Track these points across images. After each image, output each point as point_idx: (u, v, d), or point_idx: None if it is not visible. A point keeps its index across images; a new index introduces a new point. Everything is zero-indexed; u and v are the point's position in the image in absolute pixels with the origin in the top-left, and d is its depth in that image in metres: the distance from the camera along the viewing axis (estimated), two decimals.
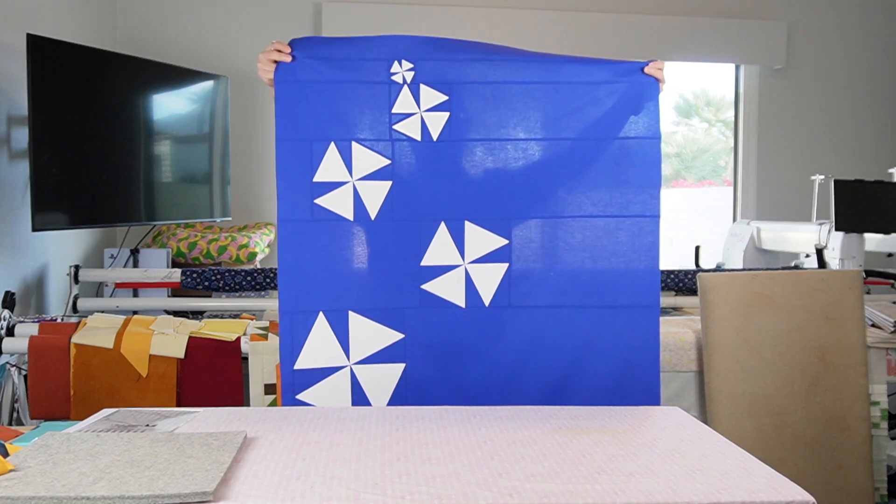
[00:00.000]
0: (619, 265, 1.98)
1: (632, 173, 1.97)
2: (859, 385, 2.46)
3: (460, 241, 1.94)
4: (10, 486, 1.17)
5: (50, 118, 2.80)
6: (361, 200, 1.92)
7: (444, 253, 1.94)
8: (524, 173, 1.97)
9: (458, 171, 1.96)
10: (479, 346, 1.96)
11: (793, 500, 1.21)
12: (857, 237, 3.23)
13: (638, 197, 1.97)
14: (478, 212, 1.95)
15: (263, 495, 1.19)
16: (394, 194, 1.92)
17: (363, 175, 1.92)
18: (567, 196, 1.97)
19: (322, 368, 1.91)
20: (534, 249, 1.96)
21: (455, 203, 1.95)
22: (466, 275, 1.95)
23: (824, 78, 4.70)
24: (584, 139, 1.97)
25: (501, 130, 1.96)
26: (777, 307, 2.45)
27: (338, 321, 1.92)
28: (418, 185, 1.94)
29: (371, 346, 1.94)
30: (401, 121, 1.93)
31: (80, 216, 3.06)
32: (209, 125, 3.79)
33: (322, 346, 1.91)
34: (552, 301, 1.97)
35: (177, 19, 4.11)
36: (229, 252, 3.52)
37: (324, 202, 1.90)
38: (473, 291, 1.96)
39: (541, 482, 1.26)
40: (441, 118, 1.94)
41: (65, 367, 2.28)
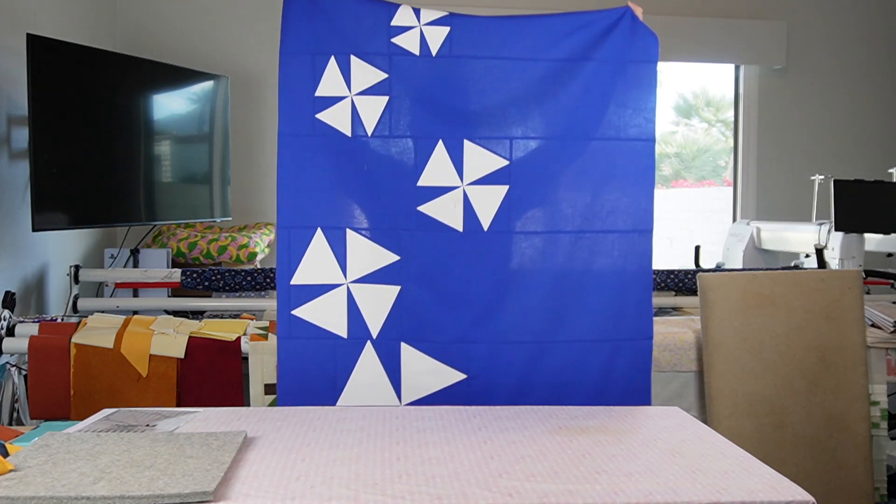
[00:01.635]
0: (617, 190, 1.96)
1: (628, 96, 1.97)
2: (859, 385, 2.46)
3: (459, 160, 1.92)
4: (10, 486, 1.17)
5: (50, 118, 2.80)
6: (359, 115, 1.91)
7: (441, 173, 1.91)
8: (526, 93, 1.94)
9: (457, 88, 1.93)
10: (476, 272, 1.94)
11: (793, 500, 1.21)
12: (857, 237, 3.23)
13: (634, 120, 1.97)
14: (477, 131, 1.92)
15: (263, 495, 1.19)
16: (390, 109, 1.91)
17: (361, 90, 1.90)
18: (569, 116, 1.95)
19: (319, 285, 1.91)
20: (534, 172, 1.94)
21: (454, 121, 1.93)
22: (465, 197, 1.93)
23: (824, 78, 4.70)
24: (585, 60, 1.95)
25: (503, 50, 1.94)
26: (777, 307, 2.45)
27: (335, 238, 1.91)
28: (415, 101, 1.92)
29: (368, 266, 1.92)
30: (399, 34, 1.91)
31: (80, 216, 3.06)
32: (209, 125, 3.79)
33: (319, 262, 1.91)
34: (552, 226, 1.95)
35: (177, 19, 4.11)
36: (229, 252, 3.52)
37: (324, 117, 1.90)
38: (472, 215, 1.94)
39: (541, 482, 1.26)
40: (441, 33, 1.92)
41: (65, 367, 2.28)
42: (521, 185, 1.92)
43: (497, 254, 1.94)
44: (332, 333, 1.91)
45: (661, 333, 2.53)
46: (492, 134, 1.92)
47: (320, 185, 1.90)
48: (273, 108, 4.08)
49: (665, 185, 6.03)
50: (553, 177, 1.94)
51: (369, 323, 1.92)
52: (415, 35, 1.91)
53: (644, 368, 1.97)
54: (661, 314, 3.03)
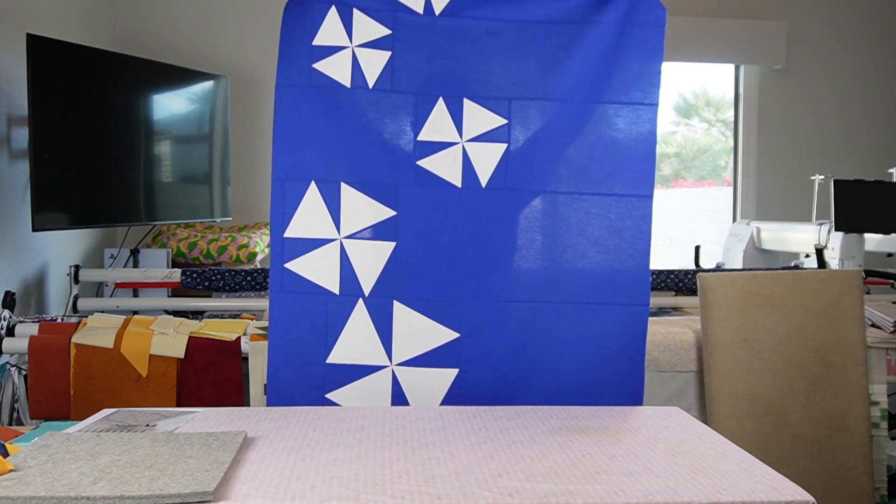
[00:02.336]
0: (616, 153, 1.95)
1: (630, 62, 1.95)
2: (859, 385, 2.46)
3: (458, 118, 1.92)
4: (10, 486, 1.17)
5: (50, 118, 2.80)
6: (360, 67, 1.90)
7: (441, 129, 1.92)
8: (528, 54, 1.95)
9: (459, 47, 1.94)
10: (473, 229, 1.94)
11: (793, 500, 1.21)
12: (857, 237, 3.23)
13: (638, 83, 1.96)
14: (477, 90, 1.93)
15: (263, 495, 1.19)
16: (392, 65, 1.90)
17: (363, 42, 1.90)
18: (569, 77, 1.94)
19: (312, 239, 1.90)
20: (533, 131, 1.94)
21: (454, 80, 1.93)
22: (464, 153, 1.93)
23: (824, 78, 4.70)
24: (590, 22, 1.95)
25: (506, 11, 1.94)
26: (777, 307, 2.45)
27: (330, 192, 1.90)
28: (418, 57, 1.92)
29: (362, 221, 1.91)
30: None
31: (80, 216, 3.06)
32: (209, 125, 3.79)
33: (313, 216, 1.90)
34: (549, 186, 1.95)
35: (177, 19, 4.11)
36: (229, 252, 3.52)
37: (322, 67, 1.89)
38: (471, 171, 1.94)
39: (541, 482, 1.26)
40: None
41: (65, 367, 2.28)
42: (519, 144, 1.93)
43: (494, 212, 1.94)
44: (323, 289, 1.91)
45: (661, 333, 2.53)
46: (491, 94, 1.93)
47: (316, 137, 1.89)
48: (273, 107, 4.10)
49: (665, 185, 6.03)
50: (551, 138, 1.94)
51: (362, 280, 1.91)
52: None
53: (639, 334, 1.95)
54: (661, 314, 3.03)
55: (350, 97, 1.90)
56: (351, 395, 1.90)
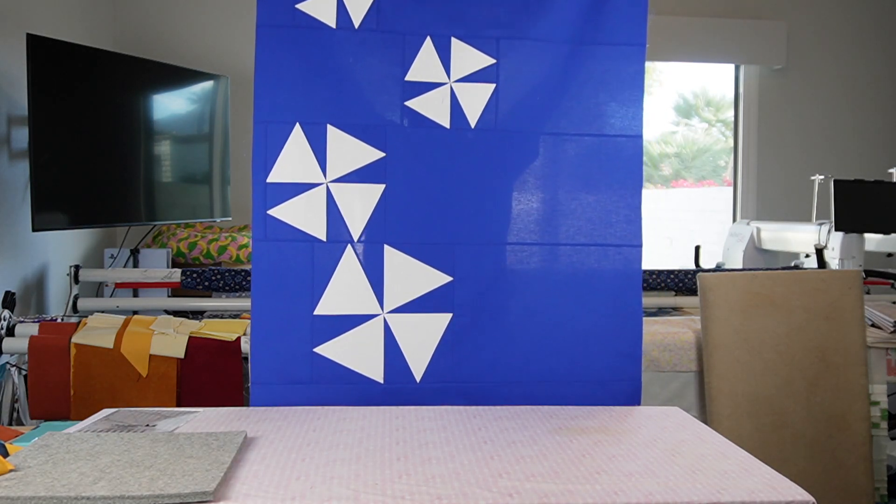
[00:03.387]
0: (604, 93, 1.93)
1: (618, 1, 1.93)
2: (859, 385, 2.46)
3: (446, 57, 1.89)
4: (10, 486, 1.17)
5: (50, 118, 2.80)
6: (345, 7, 1.85)
7: (429, 69, 1.88)
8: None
9: None
10: (463, 171, 1.91)
11: (793, 500, 1.21)
12: (857, 237, 3.23)
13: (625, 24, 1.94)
14: (465, 28, 1.90)
15: (263, 495, 1.20)
16: (379, 4, 1.86)
17: None
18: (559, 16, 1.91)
19: (296, 184, 1.85)
20: (522, 72, 1.91)
21: (442, 17, 1.89)
22: (452, 93, 1.90)
23: (824, 78, 4.70)
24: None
25: None
26: (777, 307, 2.45)
27: (315, 135, 1.85)
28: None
29: (349, 164, 1.87)
30: None
31: (80, 216, 3.06)
32: (209, 125, 3.79)
33: (297, 159, 1.84)
34: (538, 127, 1.93)
35: (177, 19, 4.11)
36: (229, 252, 3.52)
37: (306, 7, 1.83)
38: (459, 112, 1.90)
39: (541, 482, 1.26)
40: None
41: (65, 367, 2.28)
42: (508, 84, 1.90)
43: (484, 153, 1.91)
44: (310, 236, 1.85)
45: (661, 333, 2.53)
46: (479, 32, 1.90)
47: (300, 78, 1.84)
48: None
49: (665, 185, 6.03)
50: (540, 78, 1.92)
51: (350, 225, 1.86)
52: None
53: (633, 274, 1.93)
54: (661, 314, 3.04)
55: (335, 38, 1.85)
56: (340, 347, 1.84)
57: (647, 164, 5.27)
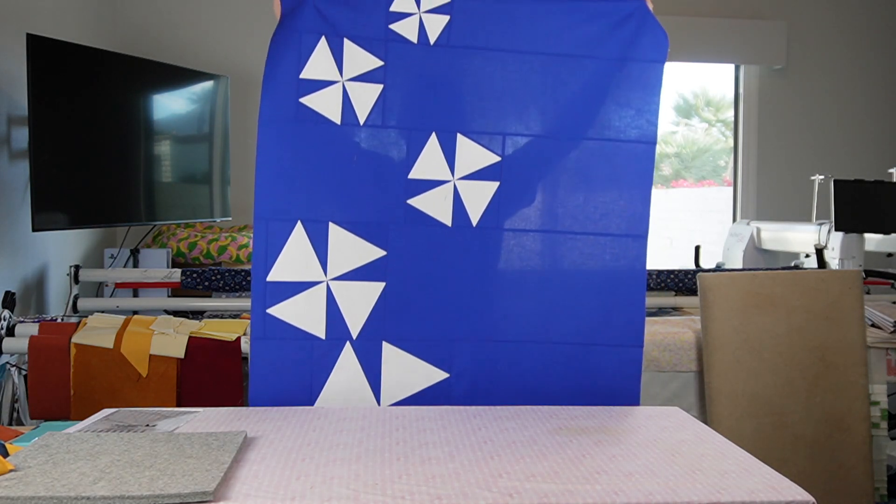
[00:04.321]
0: (612, 192, 1.89)
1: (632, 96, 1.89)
2: (859, 385, 2.46)
3: (451, 154, 1.85)
4: (10, 486, 1.17)
5: (50, 118, 2.80)
6: (350, 103, 1.81)
7: (433, 166, 1.84)
8: (524, 87, 1.88)
9: (453, 79, 1.86)
10: (464, 270, 1.88)
11: (793, 500, 1.21)
12: (857, 237, 3.23)
13: (636, 121, 1.89)
14: (471, 124, 1.86)
15: (263, 495, 1.19)
16: (385, 99, 1.82)
17: (354, 76, 1.81)
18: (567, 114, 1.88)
19: (297, 282, 1.82)
20: (527, 169, 1.87)
21: (448, 113, 1.86)
22: (455, 191, 1.86)
23: (824, 78, 4.70)
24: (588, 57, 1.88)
25: (503, 41, 1.86)
26: (777, 307, 2.45)
27: (317, 232, 1.81)
28: (411, 91, 1.84)
29: (350, 262, 1.84)
30: (398, 20, 1.83)
31: (80, 216, 3.06)
32: (209, 125, 3.79)
33: (298, 258, 1.81)
34: (541, 226, 1.89)
35: (177, 19, 4.11)
36: (229, 252, 3.52)
37: (310, 101, 1.79)
38: (461, 209, 1.87)
39: (541, 482, 1.26)
40: (440, 21, 1.84)
41: (65, 367, 2.28)
42: (512, 182, 1.86)
43: (485, 251, 1.88)
44: (309, 334, 1.82)
45: (661, 333, 2.53)
46: (485, 129, 1.86)
47: (303, 175, 1.80)
48: None
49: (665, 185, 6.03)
50: (546, 176, 1.89)
51: (349, 322, 1.84)
52: (414, 22, 1.84)
53: (634, 375, 1.90)
54: (661, 314, 3.04)
55: (340, 134, 1.81)
56: None
57: None
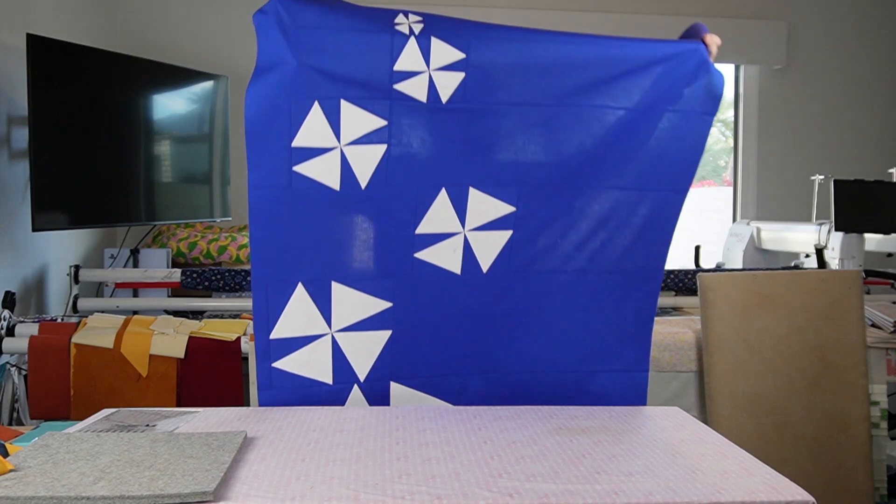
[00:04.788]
0: (631, 237, 1.79)
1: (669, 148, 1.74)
2: (859, 385, 2.46)
3: (462, 207, 1.72)
4: (10, 486, 1.17)
5: (50, 118, 2.79)
6: (350, 168, 1.65)
7: (442, 220, 1.72)
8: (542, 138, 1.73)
9: (467, 137, 1.70)
10: (473, 311, 1.81)
11: (793, 500, 1.21)
12: (857, 237, 3.23)
13: (669, 171, 1.75)
14: (485, 177, 1.71)
15: (263, 495, 1.19)
16: (389, 160, 1.66)
17: (353, 139, 1.64)
18: (588, 165, 1.74)
19: (301, 337, 1.74)
20: (542, 218, 1.75)
21: (459, 169, 1.71)
22: (465, 242, 1.76)
23: (824, 78, 4.70)
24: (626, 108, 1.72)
25: (525, 93, 1.70)
26: (777, 307, 2.45)
27: (319, 291, 1.72)
28: (419, 150, 1.69)
29: (355, 315, 1.75)
30: (404, 80, 1.64)
31: (80, 216, 3.06)
32: (209, 125, 3.79)
33: (301, 316, 1.73)
34: (554, 266, 1.80)
35: (177, 19, 4.11)
36: (229, 252, 3.52)
37: (304, 170, 1.64)
38: (471, 258, 1.77)
39: (541, 482, 1.26)
40: (454, 79, 1.65)
41: (65, 367, 2.28)
42: (526, 230, 1.74)
43: (494, 293, 1.79)
44: (316, 381, 1.77)
45: (661, 333, 2.53)
46: (501, 181, 1.71)
47: (301, 238, 1.67)
48: None
49: None
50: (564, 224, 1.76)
51: (356, 368, 1.78)
52: (423, 81, 1.64)
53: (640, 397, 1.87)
54: (661, 314, 3.03)
55: (339, 199, 1.66)
56: None
57: None
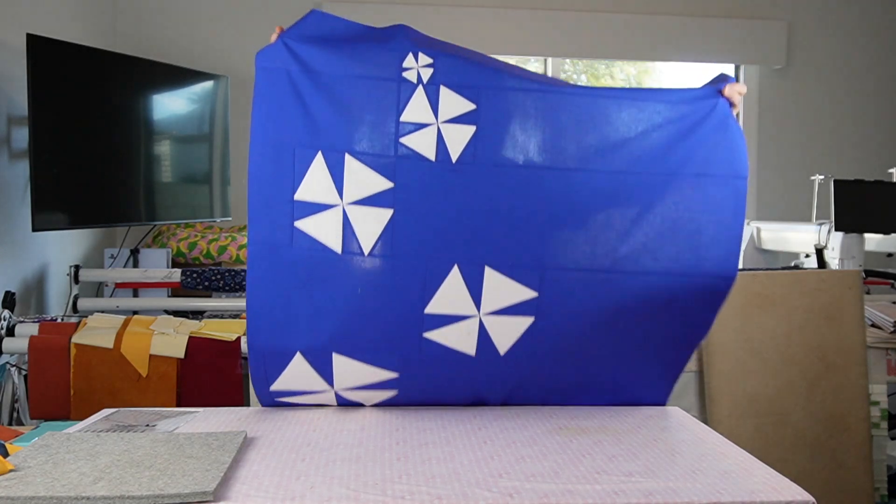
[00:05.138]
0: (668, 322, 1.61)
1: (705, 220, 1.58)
2: (859, 385, 2.46)
3: (477, 289, 1.54)
4: (10, 486, 1.17)
5: (50, 118, 2.80)
6: (353, 230, 1.53)
7: (455, 301, 1.55)
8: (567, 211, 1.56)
9: (480, 201, 1.54)
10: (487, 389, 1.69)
11: (793, 500, 1.21)
12: (857, 237, 3.23)
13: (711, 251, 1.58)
14: (502, 256, 1.54)
15: (263, 495, 1.19)
16: (395, 226, 1.53)
17: (357, 199, 1.53)
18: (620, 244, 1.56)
19: (302, 391, 1.67)
20: (570, 305, 1.57)
21: (473, 242, 1.55)
22: (481, 325, 1.58)
23: (824, 78, 4.70)
24: (649, 173, 1.56)
25: (543, 155, 1.54)
26: (777, 307, 2.45)
27: (319, 360, 1.61)
28: (428, 216, 1.54)
29: (358, 381, 1.65)
30: (411, 133, 1.53)
31: (80, 216, 3.06)
32: (209, 125, 3.79)
33: (301, 379, 1.64)
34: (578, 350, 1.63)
35: (177, 19, 4.11)
36: (229, 252, 3.52)
37: (305, 226, 1.54)
38: (487, 341, 1.61)
39: (541, 482, 1.26)
40: (465, 133, 1.53)
41: (65, 367, 2.28)
42: (550, 318, 1.56)
43: (513, 375, 1.65)
44: None
45: None
46: (520, 261, 1.54)
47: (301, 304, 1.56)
48: None
49: None
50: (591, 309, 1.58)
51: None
52: (430, 135, 1.53)
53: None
54: None
55: (341, 264, 1.54)
56: None
57: None
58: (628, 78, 4.97)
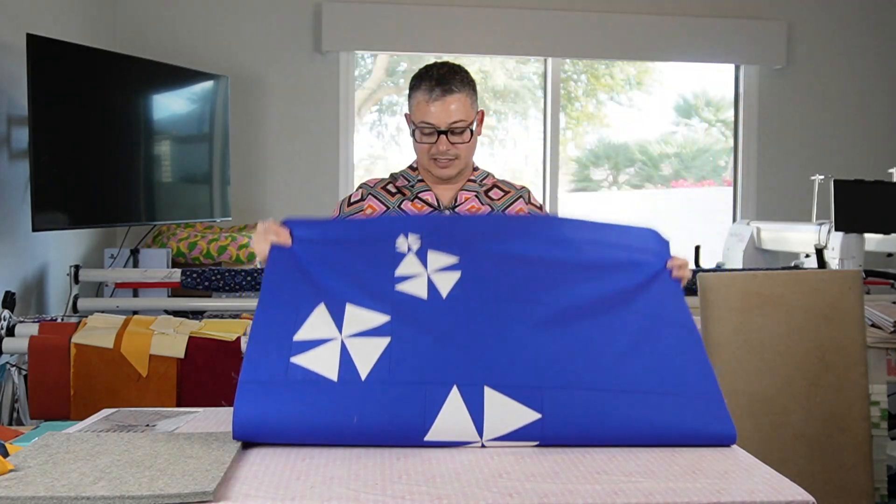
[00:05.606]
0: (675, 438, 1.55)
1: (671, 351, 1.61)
2: (859, 385, 2.46)
3: (478, 412, 1.50)
4: (10, 486, 1.17)
5: (50, 118, 2.80)
6: (350, 358, 1.55)
7: (456, 426, 1.50)
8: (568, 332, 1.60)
9: (474, 328, 1.59)
10: None
11: (793, 500, 1.21)
12: (857, 237, 3.23)
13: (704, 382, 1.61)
14: (501, 376, 1.53)
15: (263, 495, 1.19)
16: (392, 352, 1.55)
17: (355, 332, 1.57)
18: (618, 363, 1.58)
19: None
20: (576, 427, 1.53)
21: (471, 364, 1.55)
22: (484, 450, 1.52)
23: (824, 78, 4.70)
24: (610, 314, 1.63)
25: (524, 292, 1.63)
26: (777, 307, 2.45)
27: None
28: (424, 342, 1.57)
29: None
30: (404, 281, 1.63)
31: (80, 216, 3.06)
32: (209, 125, 3.79)
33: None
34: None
35: (177, 19, 4.11)
36: (229, 252, 3.52)
37: (302, 360, 1.54)
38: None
39: (541, 482, 1.26)
40: (451, 278, 1.64)
41: (65, 367, 2.28)
42: (555, 440, 1.52)
43: None
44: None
45: None
46: (520, 381, 1.53)
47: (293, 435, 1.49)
48: (273, 107, 4.11)
49: (665, 185, 6.03)
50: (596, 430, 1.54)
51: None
52: (422, 282, 1.63)
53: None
54: None
55: (337, 392, 1.52)
56: None
57: (647, 164, 5.27)
58: (628, 78, 4.98)
